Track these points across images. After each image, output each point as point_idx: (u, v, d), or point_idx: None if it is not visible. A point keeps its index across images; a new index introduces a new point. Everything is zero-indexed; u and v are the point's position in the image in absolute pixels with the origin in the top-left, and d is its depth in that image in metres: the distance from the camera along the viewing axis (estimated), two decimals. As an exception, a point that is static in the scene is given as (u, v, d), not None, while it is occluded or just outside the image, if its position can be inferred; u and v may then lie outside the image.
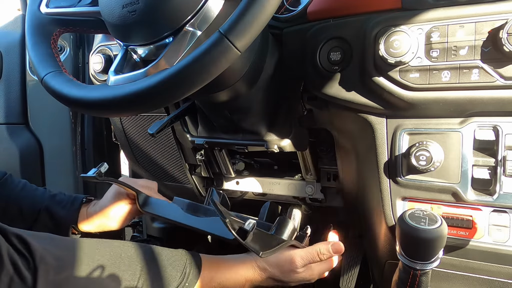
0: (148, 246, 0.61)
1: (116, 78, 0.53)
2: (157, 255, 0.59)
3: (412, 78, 0.54)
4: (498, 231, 0.55)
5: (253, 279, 0.65)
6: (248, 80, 0.63)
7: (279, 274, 0.66)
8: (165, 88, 0.44)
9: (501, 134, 0.53)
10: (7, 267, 0.45)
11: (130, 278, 0.55)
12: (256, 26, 0.42)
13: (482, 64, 0.50)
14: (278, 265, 0.66)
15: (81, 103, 0.51)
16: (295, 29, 0.64)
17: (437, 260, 0.51)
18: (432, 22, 0.52)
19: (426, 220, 0.51)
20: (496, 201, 0.54)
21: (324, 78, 0.61)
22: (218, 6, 0.50)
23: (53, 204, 0.78)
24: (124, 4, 0.49)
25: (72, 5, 0.61)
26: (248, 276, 0.65)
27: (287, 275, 0.66)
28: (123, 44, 0.54)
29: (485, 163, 0.55)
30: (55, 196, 0.80)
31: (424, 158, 0.55)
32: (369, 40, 0.56)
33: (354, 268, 1.08)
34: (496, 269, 0.57)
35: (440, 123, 0.57)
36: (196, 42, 0.49)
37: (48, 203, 0.78)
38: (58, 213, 0.77)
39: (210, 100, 0.71)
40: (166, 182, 1.00)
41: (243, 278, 0.65)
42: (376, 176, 0.62)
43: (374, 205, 0.66)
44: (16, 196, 0.77)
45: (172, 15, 0.48)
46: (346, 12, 0.59)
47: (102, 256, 0.55)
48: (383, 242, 0.66)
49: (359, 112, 0.61)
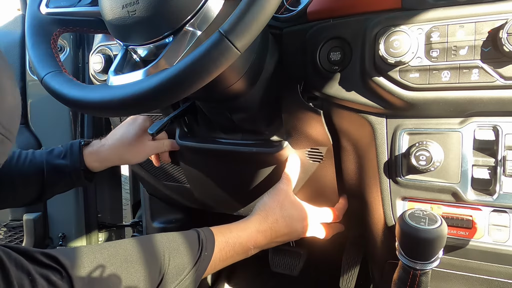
0: (161, 235, 0.61)
1: (116, 78, 0.53)
2: (174, 238, 0.61)
3: (412, 78, 0.54)
4: (498, 231, 0.55)
5: (261, 228, 0.67)
6: (248, 80, 0.63)
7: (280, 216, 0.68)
8: (165, 88, 0.44)
9: (501, 134, 0.53)
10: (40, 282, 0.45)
11: (157, 269, 0.56)
12: (256, 26, 0.42)
13: (482, 64, 0.50)
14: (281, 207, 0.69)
15: (81, 103, 0.51)
16: (295, 29, 0.64)
17: (437, 260, 0.51)
18: (432, 22, 0.52)
19: (426, 220, 0.51)
20: (496, 201, 0.54)
21: (324, 78, 0.61)
22: (218, 6, 0.50)
23: (52, 158, 0.77)
24: (124, 4, 0.49)
25: (72, 5, 0.61)
26: (257, 227, 0.67)
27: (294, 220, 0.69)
28: (123, 44, 0.54)
29: (485, 163, 0.55)
30: (52, 151, 0.79)
31: (424, 158, 0.55)
32: (369, 40, 0.56)
33: (354, 268, 1.08)
34: (496, 269, 0.57)
35: (440, 123, 0.57)
36: (196, 42, 0.49)
37: (47, 159, 0.77)
38: (61, 164, 0.77)
39: (210, 100, 0.71)
40: (166, 182, 1.00)
41: (254, 229, 0.66)
42: (376, 176, 0.62)
43: (374, 205, 0.66)
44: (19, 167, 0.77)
45: (172, 15, 0.48)
46: (346, 12, 0.59)
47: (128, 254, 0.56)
48: (383, 242, 0.66)
49: (359, 112, 0.61)
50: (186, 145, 0.81)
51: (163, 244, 0.59)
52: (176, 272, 0.58)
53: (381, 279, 0.72)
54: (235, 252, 0.65)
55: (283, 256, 1.28)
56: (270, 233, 0.67)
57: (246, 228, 0.66)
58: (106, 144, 0.79)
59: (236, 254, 0.65)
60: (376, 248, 0.71)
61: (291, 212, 0.69)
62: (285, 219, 0.68)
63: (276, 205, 0.69)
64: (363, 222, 0.77)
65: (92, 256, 0.53)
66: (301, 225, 0.70)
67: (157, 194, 1.13)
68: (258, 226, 0.67)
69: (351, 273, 1.08)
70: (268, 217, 0.68)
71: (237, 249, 0.65)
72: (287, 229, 0.69)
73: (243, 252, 0.66)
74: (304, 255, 1.27)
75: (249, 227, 0.67)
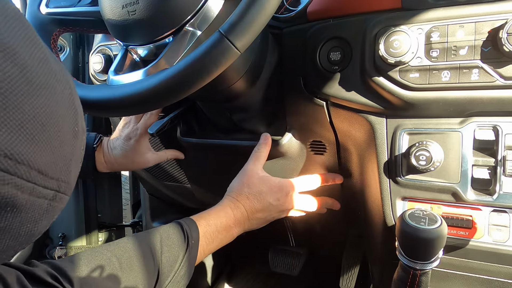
0: (150, 232, 0.62)
1: (116, 78, 0.53)
2: (162, 231, 0.62)
3: (412, 78, 0.54)
4: (498, 231, 0.55)
5: (235, 206, 0.69)
6: (248, 80, 0.63)
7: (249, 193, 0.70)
8: (165, 88, 0.44)
9: (501, 134, 0.53)
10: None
11: (153, 266, 0.57)
12: (256, 26, 0.42)
13: (482, 64, 0.50)
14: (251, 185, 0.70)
15: (81, 103, 0.51)
16: (295, 29, 0.64)
17: (437, 260, 0.51)
18: (432, 22, 0.52)
19: (426, 220, 0.51)
20: (496, 201, 0.54)
21: (324, 78, 0.61)
22: (218, 6, 0.50)
23: None
24: (124, 4, 0.49)
25: (72, 5, 0.61)
26: (231, 206, 0.69)
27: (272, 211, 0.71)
28: (123, 44, 0.54)
29: (485, 163, 0.55)
30: None
31: (424, 158, 0.55)
32: (369, 40, 0.56)
33: (354, 268, 1.08)
34: (496, 269, 0.57)
35: (440, 123, 0.57)
36: (196, 42, 0.49)
37: None
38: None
39: (210, 100, 0.71)
40: (166, 182, 1.00)
41: (229, 209, 0.68)
42: (376, 176, 0.62)
43: (374, 205, 0.66)
44: None
45: (172, 15, 0.48)
46: (346, 12, 0.59)
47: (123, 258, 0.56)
48: (383, 242, 0.66)
49: (359, 112, 0.61)
50: (189, 142, 0.82)
51: (154, 240, 0.60)
52: (169, 265, 0.59)
53: (381, 279, 0.72)
54: (219, 233, 0.66)
55: (283, 256, 1.28)
56: (245, 210, 0.69)
57: (221, 209, 0.68)
58: (113, 154, 0.81)
59: (220, 234, 0.66)
60: (376, 248, 0.71)
61: (259, 188, 0.70)
62: (255, 195, 0.70)
63: (242, 185, 0.70)
64: (363, 222, 0.77)
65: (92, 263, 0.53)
66: (274, 198, 0.70)
67: (157, 194, 1.13)
68: (232, 205, 0.68)
69: (351, 273, 1.08)
70: (237, 196, 0.70)
71: (219, 230, 0.66)
72: (260, 204, 0.69)
73: (226, 232, 0.67)
74: (304, 255, 1.27)
75: (224, 208, 0.68)
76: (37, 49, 0.28)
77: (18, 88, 0.25)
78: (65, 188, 0.31)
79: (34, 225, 0.29)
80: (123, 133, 0.80)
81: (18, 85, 0.25)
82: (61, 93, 0.29)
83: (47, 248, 1.27)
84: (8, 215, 0.26)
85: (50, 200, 0.29)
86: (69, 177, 0.31)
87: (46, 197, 0.28)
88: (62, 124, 0.29)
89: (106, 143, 0.81)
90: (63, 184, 0.30)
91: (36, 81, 0.26)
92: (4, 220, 0.26)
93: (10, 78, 0.25)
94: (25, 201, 0.26)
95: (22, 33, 0.27)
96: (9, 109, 0.24)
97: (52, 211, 0.30)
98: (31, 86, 0.26)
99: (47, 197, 0.28)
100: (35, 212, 0.28)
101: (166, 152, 0.86)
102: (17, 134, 0.25)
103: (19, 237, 0.28)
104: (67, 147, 0.30)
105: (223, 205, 0.69)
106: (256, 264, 1.44)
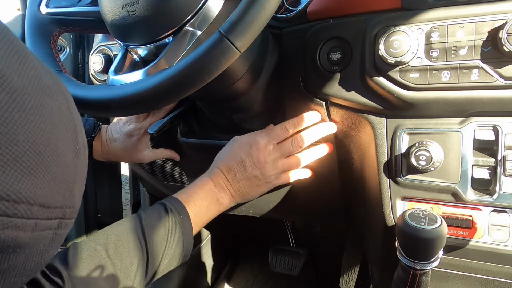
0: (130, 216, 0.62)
1: (116, 78, 0.53)
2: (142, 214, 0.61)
3: (412, 78, 0.54)
4: (498, 231, 0.55)
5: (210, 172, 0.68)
6: (248, 80, 0.63)
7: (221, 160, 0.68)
8: (165, 88, 0.44)
9: (501, 134, 0.53)
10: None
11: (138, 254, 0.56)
12: (256, 26, 0.42)
13: (482, 64, 0.50)
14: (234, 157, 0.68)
15: (81, 103, 0.52)
16: (295, 29, 0.64)
17: (437, 260, 0.51)
18: (432, 22, 0.52)
19: (426, 220, 0.51)
20: (496, 201, 0.54)
21: (324, 78, 0.61)
22: (218, 6, 0.50)
23: None
24: (124, 4, 0.49)
25: (72, 5, 0.61)
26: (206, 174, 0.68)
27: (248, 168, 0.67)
28: (123, 44, 0.54)
29: (485, 163, 0.55)
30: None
31: (424, 158, 0.55)
32: (369, 40, 0.56)
33: (354, 268, 1.08)
34: (496, 269, 0.57)
35: (440, 123, 0.57)
36: (196, 42, 0.49)
37: None
38: None
39: (210, 100, 0.71)
40: (166, 182, 1.00)
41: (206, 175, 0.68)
42: (376, 176, 0.62)
43: (374, 205, 0.66)
44: None
45: (172, 15, 0.48)
46: (346, 12, 0.59)
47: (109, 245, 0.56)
48: (383, 242, 0.66)
49: (359, 112, 0.61)
50: (189, 142, 0.82)
51: (135, 221, 0.59)
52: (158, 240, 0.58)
53: (381, 279, 0.72)
54: (205, 200, 0.65)
55: (283, 256, 1.28)
56: (221, 171, 0.68)
57: (198, 180, 0.68)
58: (111, 146, 0.81)
59: (206, 201, 0.65)
60: (376, 248, 0.71)
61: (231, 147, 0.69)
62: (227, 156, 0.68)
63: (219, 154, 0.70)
64: (363, 222, 0.77)
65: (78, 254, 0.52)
66: (245, 153, 0.67)
67: (157, 194, 1.13)
68: (208, 173, 0.68)
69: (351, 273, 1.08)
70: (213, 164, 0.69)
71: (202, 197, 0.65)
72: (234, 162, 0.67)
73: (212, 198, 0.66)
74: (304, 255, 1.28)
75: (201, 178, 0.68)
76: (26, 66, 0.25)
77: (9, 118, 0.22)
78: (70, 213, 0.28)
79: (41, 257, 0.27)
80: (124, 129, 0.80)
81: (8, 114, 0.22)
82: (58, 111, 0.27)
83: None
84: (11, 256, 0.24)
85: (55, 229, 0.27)
86: (74, 201, 0.28)
87: (50, 228, 0.26)
88: (62, 147, 0.26)
89: (105, 132, 0.82)
90: (68, 210, 0.28)
91: (28, 105, 0.24)
92: (7, 262, 0.24)
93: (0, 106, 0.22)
94: (28, 239, 0.24)
95: (7, 50, 0.24)
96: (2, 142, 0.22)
97: (59, 239, 0.28)
98: (23, 112, 0.23)
99: (51, 228, 0.26)
100: (40, 245, 0.26)
101: (162, 151, 0.86)
102: (13, 171, 0.22)
103: (25, 272, 0.26)
104: (69, 170, 0.27)
105: (200, 177, 0.68)
106: (256, 264, 1.45)
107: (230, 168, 0.67)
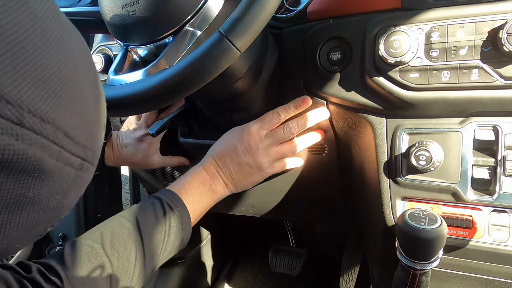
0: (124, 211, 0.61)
1: (116, 78, 0.53)
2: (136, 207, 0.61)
3: (412, 78, 0.54)
4: (498, 231, 0.55)
5: (203, 162, 0.68)
6: (248, 80, 0.63)
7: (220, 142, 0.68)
8: (165, 88, 0.44)
9: (501, 134, 0.53)
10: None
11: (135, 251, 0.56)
12: (256, 26, 0.42)
13: (482, 64, 0.50)
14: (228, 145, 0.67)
15: None
16: (295, 29, 0.64)
17: (437, 260, 0.51)
18: (432, 22, 0.52)
19: (426, 220, 0.51)
20: (496, 201, 0.54)
21: (324, 78, 0.61)
22: (218, 6, 0.50)
23: None
24: (124, 4, 0.49)
25: (72, 5, 0.62)
26: (201, 163, 0.67)
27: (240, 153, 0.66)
28: (123, 44, 0.54)
29: (485, 163, 0.55)
30: None
31: (424, 158, 0.55)
32: (369, 40, 0.56)
33: (354, 268, 1.08)
34: (496, 269, 0.57)
35: (440, 123, 0.57)
36: (196, 42, 0.49)
37: None
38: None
39: (210, 100, 0.71)
40: (166, 182, 1.00)
41: (199, 165, 0.67)
42: (376, 176, 0.62)
43: (374, 205, 0.66)
44: None
45: (172, 15, 0.48)
46: (346, 12, 0.59)
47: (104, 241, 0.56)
48: (383, 242, 0.66)
49: (359, 112, 0.61)
50: (188, 142, 0.82)
51: (129, 213, 0.59)
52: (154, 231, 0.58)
53: (381, 279, 0.72)
54: (197, 188, 0.64)
55: (283, 256, 1.28)
56: (213, 158, 0.67)
57: (191, 170, 0.67)
58: (123, 151, 0.81)
59: (199, 189, 0.64)
60: (376, 248, 0.71)
61: (224, 136, 0.69)
62: (219, 144, 0.68)
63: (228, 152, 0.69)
64: (363, 222, 0.77)
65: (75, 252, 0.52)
66: (237, 139, 0.66)
67: (157, 194, 1.12)
68: (200, 163, 0.68)
69: (351, 273, 1.08)
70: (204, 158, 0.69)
71: (194, 185, 0.64)
72: (224, 148, 0.67)
73: (204, 186, 0.65)
74: (304, 255, 1.28)
75: (192, 169, 0.67)
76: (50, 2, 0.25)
77: (34, 41, 0.22)
78: (91, 157, 0.28)
79: (63, 196, 0.26)
80: (134, 135, 0.80)
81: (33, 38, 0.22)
82: (78, 50, 0.27)
83: (47, 248, 1.27)
84: (36, 182, 0.23)
85: (77, 169, 0.26)
86: (94, 144, 0.28)
87: (73, 165, 0.26)
88: (83, 85, 0.26)
89: (116, 138, 0.82)
90: (89, 152, 0.27)
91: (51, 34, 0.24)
92: (32, 189, 0.23)
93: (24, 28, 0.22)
94: (52, 167, 0.24)
95: None
96: (28, 61, 0.22)
97: (80, 183, 0.28)
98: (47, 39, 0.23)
99: (74, 165, 0.26)
100: (63, 182, 0.26)
101: (171, 159, 0.86)
102: (40, 89, 0.22)
103: (48, 210, 0.26)
104: (90, 112, 0.27)
105: (193, 167, 0.68)
106: (256, 264, 1.45)
107: (221, 155, 0.67)
